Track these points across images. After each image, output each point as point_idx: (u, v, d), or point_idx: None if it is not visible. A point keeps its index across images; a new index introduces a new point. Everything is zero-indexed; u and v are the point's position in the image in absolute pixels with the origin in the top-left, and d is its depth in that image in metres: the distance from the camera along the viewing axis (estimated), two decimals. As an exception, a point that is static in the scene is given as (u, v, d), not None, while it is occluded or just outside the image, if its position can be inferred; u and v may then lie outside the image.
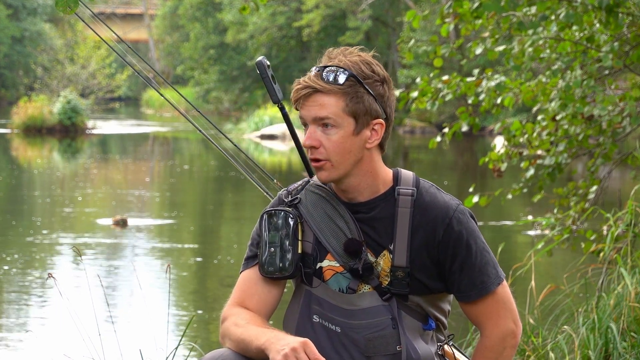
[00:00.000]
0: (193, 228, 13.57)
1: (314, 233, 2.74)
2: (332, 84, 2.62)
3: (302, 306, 2.76)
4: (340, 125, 2.64)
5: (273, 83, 2.95)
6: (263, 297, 2.75)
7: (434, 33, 26.59)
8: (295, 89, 2.66)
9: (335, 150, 2.64)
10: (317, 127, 2.65)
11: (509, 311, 2.72)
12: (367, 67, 2.66)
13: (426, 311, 2.74)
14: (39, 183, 19.23)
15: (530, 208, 14.13)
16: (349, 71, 2.63)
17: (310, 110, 2.64)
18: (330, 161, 2.65)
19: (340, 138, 2.64)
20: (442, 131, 7.20)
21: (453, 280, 2.70)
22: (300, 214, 2.74)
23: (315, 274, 2.74)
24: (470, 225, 2.71)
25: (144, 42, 61.71)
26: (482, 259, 2.70)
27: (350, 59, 2.66)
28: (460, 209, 2.70)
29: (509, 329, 2.71)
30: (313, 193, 2.77)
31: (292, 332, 2.77)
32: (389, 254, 2.70)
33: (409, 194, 2.70)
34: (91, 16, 3.70)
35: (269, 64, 2.96)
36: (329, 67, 2.64)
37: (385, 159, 2.77)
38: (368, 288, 2.71)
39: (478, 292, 2.70)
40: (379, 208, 2.71)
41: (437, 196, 2.71)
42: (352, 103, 2.63)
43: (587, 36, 6.67)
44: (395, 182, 2.73)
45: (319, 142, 2.65)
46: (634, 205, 5.65)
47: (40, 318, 8.17)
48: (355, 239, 2.70)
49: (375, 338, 2.69)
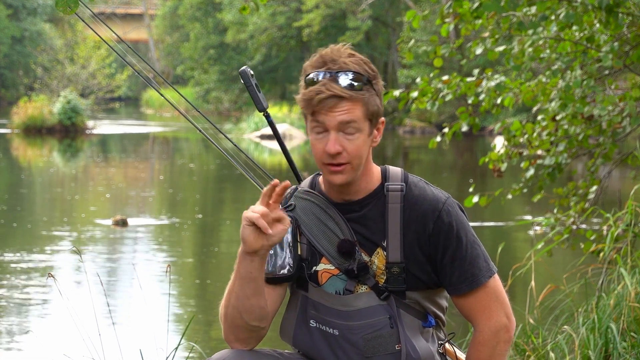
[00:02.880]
0: (193, 228, 13.57)
1: (307, 238, 2.75)
2: (354, 90, 2.63)
3: (298, 312, 2.76)
4: (361, 129, 2.66)
5: (258, 92, 2.95)
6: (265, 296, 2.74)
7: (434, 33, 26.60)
8: (318, 98, 2.62)
9: (356, 153, 2.66)
10: (339, 132, 2.65)
11: (501, 305, 2.72)
12: (367, 65, 2.68)
13: (424, 308, 2.74)
14: (39, 183, 19.23)
15: (530, 208, 14.13)
16: (360, 74, 2.64)
17: (335, 117, 2.63)
18: (351, 164, 2.67)
19: (361, 142, 2.66)
20: (442, 131, 7.20)
21: (445, 273, 2.70)
22: (296, 219, 2.75)
23: (311, 278, 2.74)
24: (460, 217, 2.72)
25: (144, 42, 61.72)
26: (473, 252, 2.71)
27: (351, 60, 2.66)
28: (450, 202, 2.72)
29: (501, 323, 2.71)
30: (302, 199, 2.78)
31: (289, 339, 2.78)
32: (382, 251, 2.71)
33: (398, 190, 2.72)
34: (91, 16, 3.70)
35: (253, 73, 2.96)
36: (341, 72, 2.64)
37: (385, 159, 2.78)
38: (365, 288, 2.72)
39: (469, 285, 2.70)
40: (370, 205, 2.72)
41: (426, 190, 2.73)
42: (369, 106, 2.66)
43: (587, 36, 6.67)
44: (384, 179, 2.75)
45: (343, 148, 2.66)
46: (634, 205, 5.65)
47: (40, 318, 8.17)
48: (347, 240, 2.71)
49: (373, 338, 2.69)
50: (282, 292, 2.77)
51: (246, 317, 2.67)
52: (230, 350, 2.70)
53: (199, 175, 21.37)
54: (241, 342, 2.72)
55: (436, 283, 2.73)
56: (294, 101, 15.80)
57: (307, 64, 2.69)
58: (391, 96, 6.96)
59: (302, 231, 2.75)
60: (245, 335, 2.71)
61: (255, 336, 2.72)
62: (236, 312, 2.68)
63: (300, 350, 2.78)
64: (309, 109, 2.65)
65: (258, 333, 2.71)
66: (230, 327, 2.70)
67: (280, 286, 2.76)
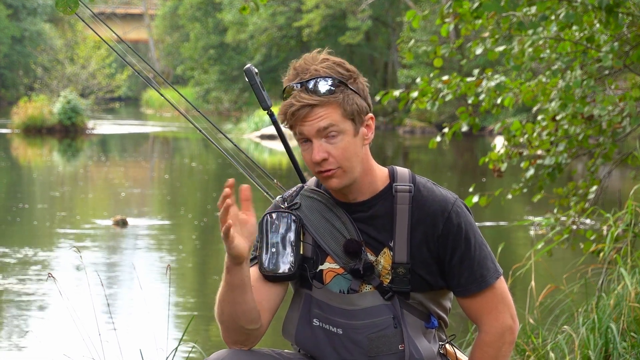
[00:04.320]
0: (193, 227, 13.57)
1: (312, 237, 2.75)
2: (324, 95, 2.64)
3: (302, 310, 2.76)
4: (342, 131, 2.65)
5: (262, 90, 2.95)
6: (264, 293, 2.75)
7: (434, 33, 26.60)
8: (290, 111, 2.65)
9: (344, 156, 2.66)
10: (321, 139, 2.66)
11: (507, 306, 2.73)
12: (342, 67, 2.67)
13: (428, 309, 2.75)
14: (39, 183, 19.23)
15: (530, 208, 14.13)
16: (331, 77, 2.64)
17: (312, 125, 2.65)
18: (342, 168, 2.67)
19: (346, 144, 2.66)
20: (442, 131, 7.20)
21: (453, 274, 2.71)
22: (301, 218, 2.75)
23: (316, 277, 2.75)
24: (469, 218, 2.73)
25: (144, 42, 61.72)
26: (481, 253, 2.71)
27: (323, 65, 2.67)
28: (458, 203, 2.72)
29: (507, 324, 2.72)
30: (308, 197, 2.78)
31: (291, 337, 2.78)
32: (389, 252, 2.71)
33: (407, 190, 2.72)
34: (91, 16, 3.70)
35: (257, 71, 2.96)
36: (311, 80, 2.65)
37: (385, 159, 2.78)
38: (370, 288, 2.72)
39: (478, 286, 2.70)
40: (378, 206, 2.72)
41: (434, 191, 2.73)
42: (347, 106, 2.65)
43: (587, 36, 6.67)
44: (392, 179, 2.75)
45: (328, 154, 2.66)
46: (634, 205, 5.66)
47: (40, 318, 8.18)
48: (354, 240, 2.71)
49: (377, 338, 2.69)
50: (281, 291, 2.77)
51: (242, 322, 2.69)
52: (228, 350, 2.70)
53: (200, 175, 21.37)
54: (239, 344, 2.73)
55: (441, 285, 2.74)
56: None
57: (284, 78, 2.71)
58: (391, 96, 6.97)
59: (307, 230, 2.75)
60: (242, 338, 2.72)
61: (252, 337, 2.72)
62: (231, 319, 2.69)
63: (302, 349, 2.78)
64: (287, 123, 2.69)
65: (253, 334, 2.72)
66: (226, 330, 2.72)
67: (279, 285, 2.76)
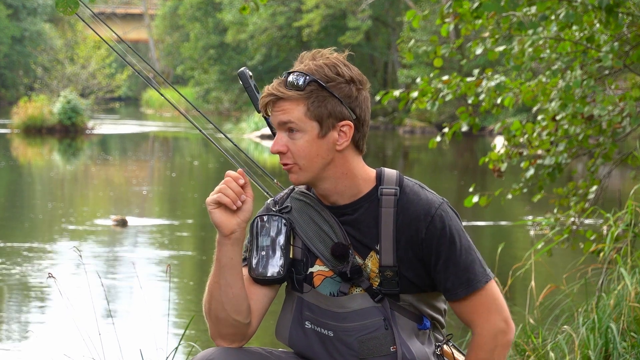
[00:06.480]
0: (193, 227, 13.57)
1: (302, 240, 2.75)
2: (293, 90, 2.65)
3: (294, 313, 2.76)
4: (303, 129, 2.66)
5: (256, 92, 2.97)
6: (253, 294, 2.75)
7: (434, 33, 26.61)
8: (261, 97, 2.70)
9: (301, 154, 2.66)
10: (284, 132, 2.68)
11: (499, 309, 2.70)
12: (332, 69, 2.66)
13: (420, 310, 2.74)
14: (39, 183, 19.23)
15: (530, 208, 14.13)
16: (310, 76, 2.64)
17: (275, 116, 2.68)
18: (298, 165, 2.68)
19: (305, 142, 2.66)
20: (442, 131, 7.20)
21: (440, 279, 2.69)
22: (291, 221, 2.75)
23: (306, 280, 2.74)
24: (454, 223, 2.69)
25: (144, 42, 61.74)
26: (468, 257, 2.68)
27: (316, 63, 2.67)
28: (444, 207, 2.69)
29: (499, 327, 2.69)
30: (297, 200, 2.78)
31: (284, 339, 2.78)
32: (376, 255, 2.70)
33: (392, 194, 2.69)
34: (91, 16, 3.70)
35: (251, 74, 2.98)
36: (292, 74, 2.67)
37: (386, 159, 2.77)
38: (359, 290, 2.71)
39: (465, 290, 2.68)
40: (363, 209, 2.71)
41: (419, 194, 2.70)
42: (314, 107, 2.65)
43: (587, 36, 6.67)
44: (378, 182, 2.73)
45: (286, 148, 2.67)
46: (634, 205, 5.66)
47: (40, 318, 8.18)
48: (341, 243, 2.70)
49: (368, 340, 2.69)
50: (271, 294, 2.77)
51: (229, 309, 2.69)
52: (216, 348, 2.70)
53: (200, 175, 21.37)
54: (226, 340, 2.73)
55: (431, 286, 2.72)
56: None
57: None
58: (391, 96, 6.97)
59: (297, 233, 2.75)
60: (229, 331, 2.72)
61: (239, 333, 2.72)
62: (219, 304, 2.69)
63: (296, 351, 2.78)
64: (263, 111, 2.73)
65: (241, 330, 2.72)
66: (214, 323, 2.72)
67: (268, 288, 2.76)
